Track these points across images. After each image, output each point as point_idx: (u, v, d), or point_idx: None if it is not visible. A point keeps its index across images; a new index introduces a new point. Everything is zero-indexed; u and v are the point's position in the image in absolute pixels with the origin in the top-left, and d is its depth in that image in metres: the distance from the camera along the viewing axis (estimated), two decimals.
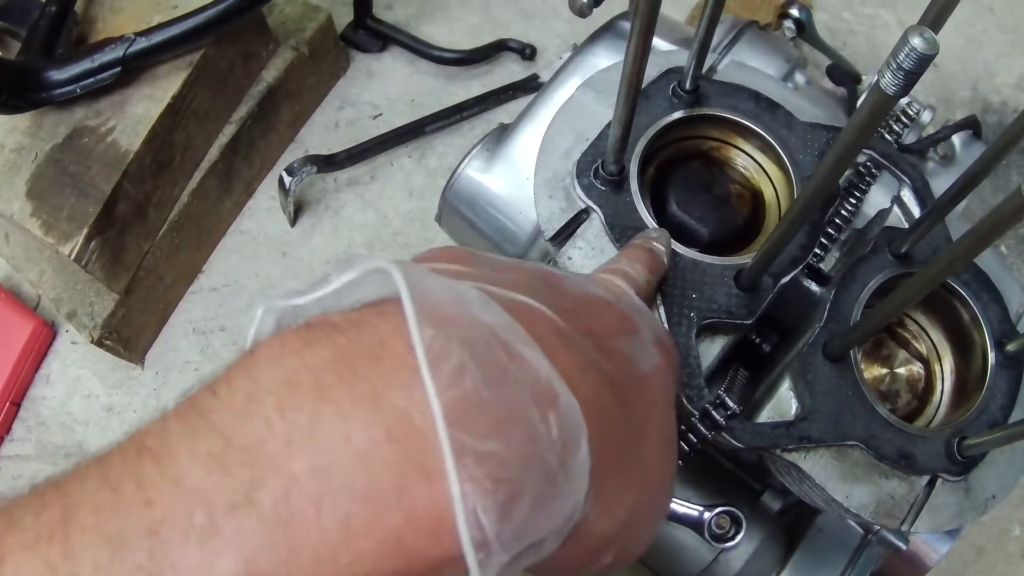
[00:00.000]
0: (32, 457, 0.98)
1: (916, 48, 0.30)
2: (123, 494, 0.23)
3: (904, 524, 0.50)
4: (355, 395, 0.24)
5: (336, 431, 0.24)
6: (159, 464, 0.24)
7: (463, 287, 0.29)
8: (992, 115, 1.11)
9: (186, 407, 0.25)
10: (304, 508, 0.23)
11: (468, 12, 1.17)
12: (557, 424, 0.27)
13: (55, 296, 0.95)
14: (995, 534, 0.93)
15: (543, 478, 0.26)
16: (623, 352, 0.36)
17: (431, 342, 0.25)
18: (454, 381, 0.24)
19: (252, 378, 0.25)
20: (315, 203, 1.07)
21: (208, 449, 0.24)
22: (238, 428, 0.24)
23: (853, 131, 0.36)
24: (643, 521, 0.36)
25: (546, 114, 0.67)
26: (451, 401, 0.24)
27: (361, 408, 0.24)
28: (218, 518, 0.23)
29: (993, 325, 0.54)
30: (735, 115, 0.57)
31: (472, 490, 0.24)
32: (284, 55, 1.02)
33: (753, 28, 0.71)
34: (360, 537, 0.23)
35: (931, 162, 0.73)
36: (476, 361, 0.25)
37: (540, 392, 0.27)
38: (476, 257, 0.36)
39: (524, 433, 0.26)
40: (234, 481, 0.23)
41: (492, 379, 0.26)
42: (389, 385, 0.24)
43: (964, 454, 0.50)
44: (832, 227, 0.55)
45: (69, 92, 0.85)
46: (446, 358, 0.25)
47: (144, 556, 0.22)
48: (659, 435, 0.37)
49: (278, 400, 0.24)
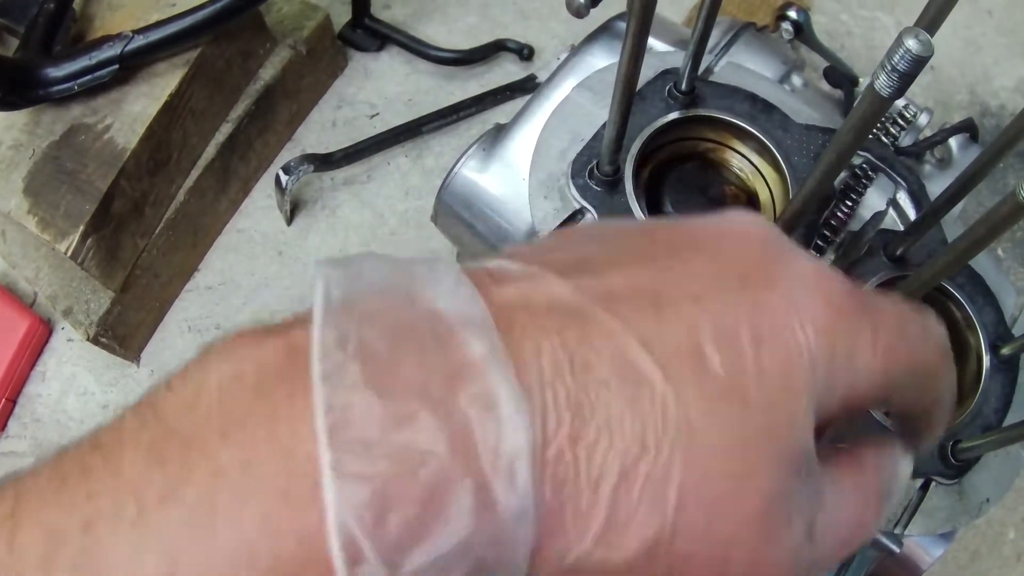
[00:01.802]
0: (27, 454, 0.98)
1: (911, 50, 0.30)
2: (68, 485, 0.23)
3: (897, 527, 0.50)
4: (288, 390, 0.24)
5: (265, 424, 0.23)
6: (106, 456, 0.24)
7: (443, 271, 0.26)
8: (990, 118, 1.11)
9: (144, 401, 0.25)
10: (227, 503, 0.22)
11: (466, 12, 1.17)
12: (495, 430, 0.23)
13: (51, 293, 0.95)
14: (990, 537, 0.93)
15: (450, 487, 0.22)
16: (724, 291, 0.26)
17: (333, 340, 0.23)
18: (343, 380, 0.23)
19: (204, 371, 0.25)
20: (311, 202, 1.07)
21: (150, 439, 0.23)
22: (181, 419, 0.24)
23: (848, 133, 0.36)
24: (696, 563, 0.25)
25: (542, 114, 0.67)
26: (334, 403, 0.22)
27: (291, 402, 0.23)
28: (148, 510, 0.22)
29: (988, 328, 0.54)
30: (731, 117, 0.57)
31: (345, 500, 0.22)
32: (282, 54, 1.02)
33: (750, 30, 0.71)
34: (280, 535, 0.22)
35: (928, 165, 0.73)
36: (373, 354, 0.23)
37: (469, 384, 0.23)
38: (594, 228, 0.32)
39: (430, 431, 0.22)
40: (167, 473, 0.23)
41: (396, 377, 0.23)
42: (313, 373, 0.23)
43: (958, 457, 0.50)
44: (828, 229, 0.55)
45: (67, 89, 0.85)
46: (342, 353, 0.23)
47: (79, 552, 0.22)
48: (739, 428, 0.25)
49: (222, 392, 0.24)
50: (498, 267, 0.27)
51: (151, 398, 0.25)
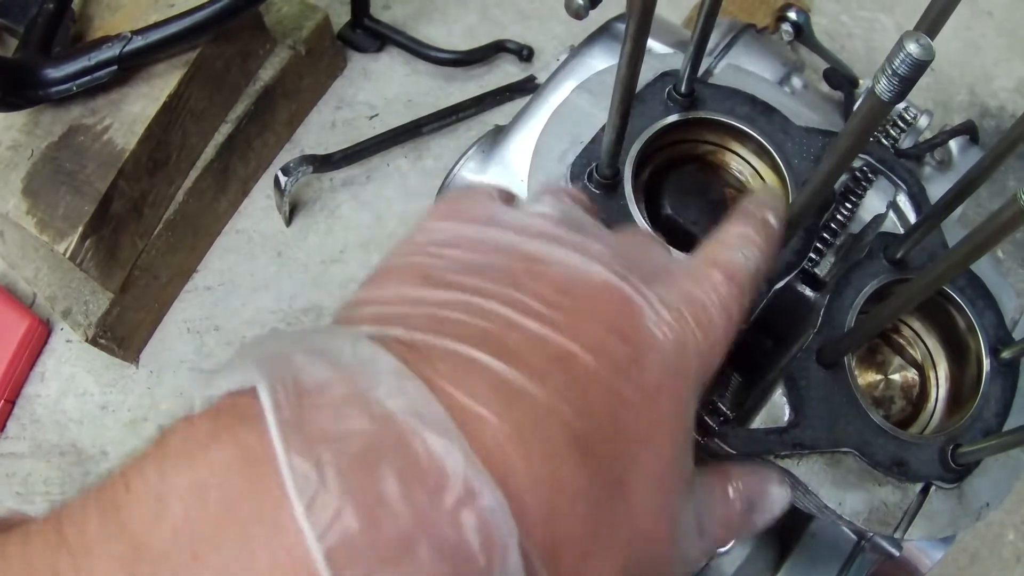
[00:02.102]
0: (26, 455, 0.98)
1: (912, 54, 0.30)
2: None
3: (897, 531, 0.50)
4: (257, 509, 0.23)
5: (239, 548, 0.23)
6: (74, 558, 0.23)
7: (376, 358, 0.26)
8: (990, 120, 1.11)
9: (105, 495, 0.24)
10: None
11: (466, 13, 1.17)
12: (477, 529, 0.24)
13: (50, 294, 0.95)
14: (989, 539, 0.93)
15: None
16: (610, 365, 0.29)
17: (305, 476, 0.23)
18: (334, 519, 0.22)
19: (163, 476, 0.24)
20: (311, 203, 1.07)
21: (120, 552, 0.23)
22: (148, 534, 0.23)
23: (849, 137, 0.36)
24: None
25: (541, 116, 0.67)
26: (333, 545, 0.22)
27: (263, 525, 0.23)
28: None
29: (988, 332, 0.54)
30: (731, 119, 0.56)
31: None
32: (281, 54, 1.02)
33: (750, 31, 0.71)
34: None
35: (928, 167, 0.72)
36: (361, 485, 0.23)
37: (452, 496, 0.24)
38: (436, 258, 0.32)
39: (429, 556, 0.23)
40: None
41: (383, 504, 0.23)
42: (288, 501, 0.23)
43: (958, 461, 0.50)
44: (827, 232, 0.55)
45: (66, 90, 0.85)
46: (323, 493, 0.23)
47: None
48: (655, 474, 0.30)
49: (185, 508, 0.23)
50: (411, 339, 0.28)
51: (112, 493, 0.24)
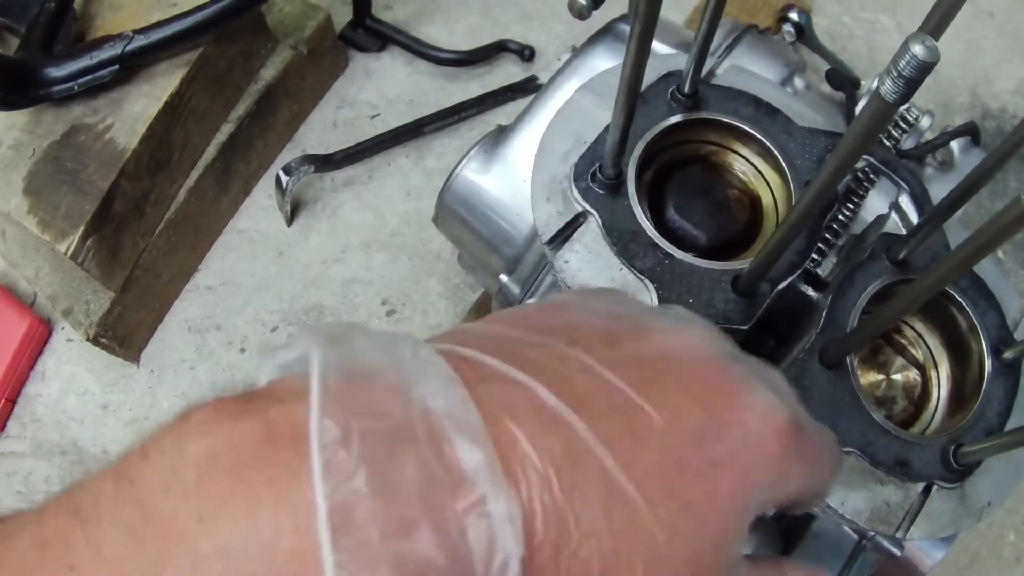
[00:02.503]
0: (27, 454, 0.98)
1: (917, 56, 0.30)
2: (50, 556, 0.23)
3: (899, 531, 0.50)
4: (269, 477, 0.24)
5: (245, 514, 0.23)
6: (85, 528, 0.24)
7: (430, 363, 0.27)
8: (991, 121, 1.11)
9: (122, 467, 0.25)
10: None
11: (467, 13, 1.17)
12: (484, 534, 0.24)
13: (51, 293, 0.95)
14: (990, 540, 0.93)
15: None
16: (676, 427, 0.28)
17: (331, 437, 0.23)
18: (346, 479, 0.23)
19: (180, 446, 0.25)
20: (312, 203, 1.07)
21: (129, 518, 0.24)
22: (158, 499, 0.24)
23: (853, 139, 0.36)
24: None
25: (544, 116, 0.67)
26: (339, 502, 0.23)
27: (272, 492, 0.23)
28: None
29: (990, 332, 0.54)
30: (734, 120, 0.57)
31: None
32: (283, 54, 1.02)
33: (752, 32, 0.71)
34: None
35: (929, 168, 0.73)
36: (380, 457, 0.24)
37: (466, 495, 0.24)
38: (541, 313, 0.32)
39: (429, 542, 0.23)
40: (145, 555, 0.23)
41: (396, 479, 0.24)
42: (303, 470, 0.23)
43: (960, 461, 0.50)
44: (830, 232, 0.55)
45: (67, 89, 0.85)
46: (343, 452, 0.23)
47: None
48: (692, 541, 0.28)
49: (198, 474, 0.24)
50: (476, 358, 0.28)
51: (128, 466, 0.25)
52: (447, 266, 1.03)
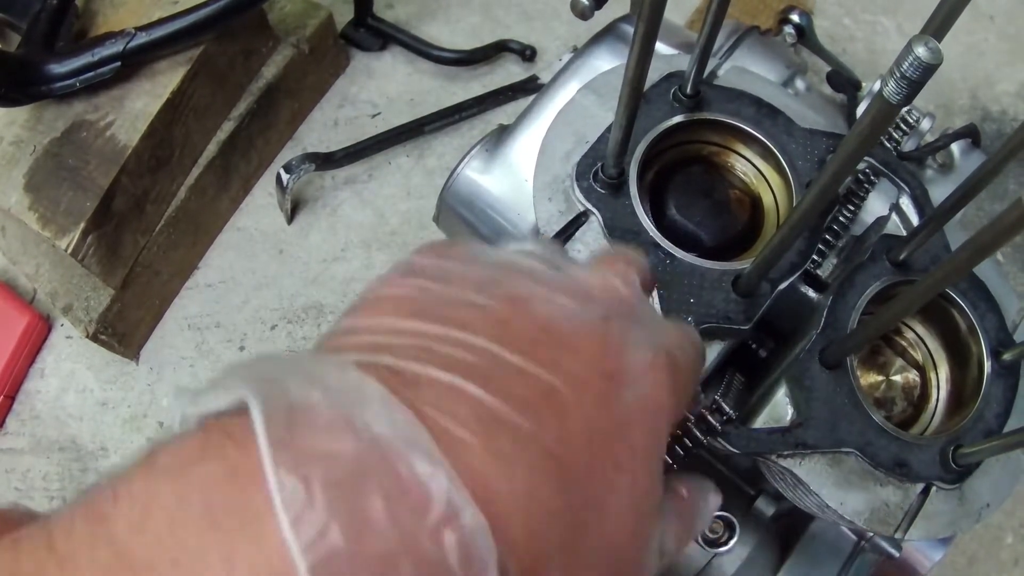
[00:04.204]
0: (26, 451, 0.98)
1: (920, 57, 0.30)
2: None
3: (898, 532, 0.50)
4: (241, 520, 0.24)
5: (220, 557, 0.23)
6: (61, 567, 0.24)
7: (363, 386, 0.27)
8: (991, 123, 1.11)
9: (92, 506, 0.25)
10: None
11: (469, 12, 1.17)
12: (457, 549, 0.25)
13: (51, 290, 0.95)
14: (988, 541, 0.94)
15: None
16: (589, 403, 0.31)
17: (292, 492, 0.23)
18: (320, 535, 0.23)
19: (149, 488, 0.25)
20: (312, 201, 1.07)
21: (106, 561, 0.24)
22: (132, 542, 0.24)
23: (856, 140, 0.36)
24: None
25: (546, 116, 0.67)
26: (318, 560, 0.23)
27: (245, 535, 0.23)
28: None
29: (990, 334, 0.54)
30: (736, 120, 0.57)
31: None
32: (284, 52, 1.02)
33: (754, 33, 0.71)
34: None
35: (930, 170, 0.73)
36: (346, 504, 0.24)
37: (434, 516, 0.25)
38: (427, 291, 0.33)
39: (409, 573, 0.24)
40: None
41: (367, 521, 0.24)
42: (272, 514, 0.23)
43: (959, 462, 0.50)
44: (830, 233, 0.55)
45: (68, 86, 0.85)
46: (309, 510, 0.23)
47: None
48: (631, 502, 0.32)
49: (169, 517, 0.24)
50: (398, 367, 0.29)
51: (99, 505, 0.25)
52: None
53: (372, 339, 0.31)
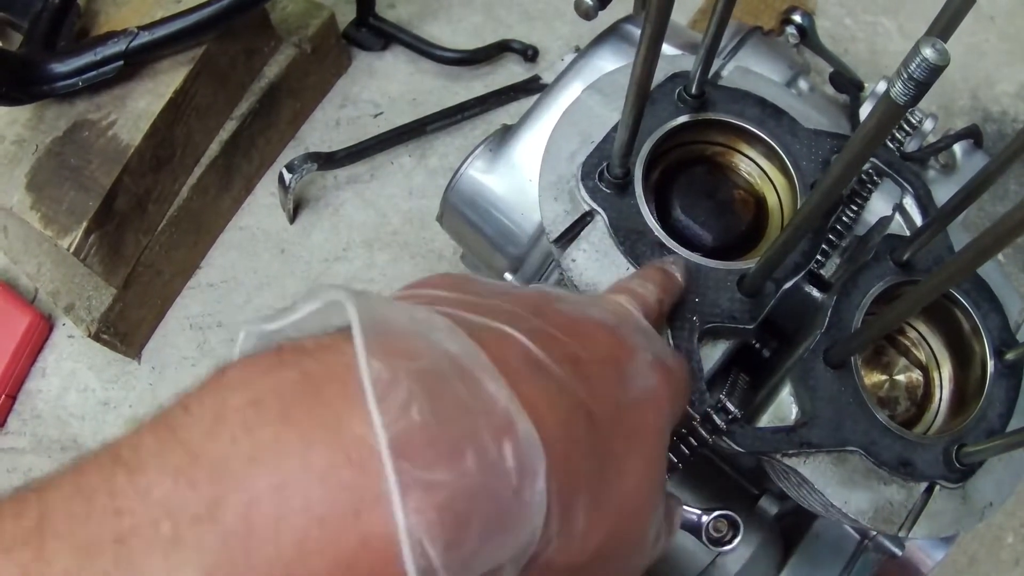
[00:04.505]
0: (27, 450, 0.98)
1: (928, 59, 0.30)
2: (95, 503, 0.24)
3: (901, 530, 0.50)
4: (318, 419, 0.25)
5: (297, 452, 0.24)
6: (131, 475, 0.24)
7: (430, 316, 0.29)
8: (992, 124, 1.12)
9: (160, 421, 0.26)
10: (263, 525, 0.24)
11: (471, 12, 1.17)
12: (513, 454, 0.27)
13: (53, 289, 0.95)
14: (988, 541, 0.94)
15: (494, 508, 0.26)
16: (609, 378, 0.35)
17: (379, 375, 0.25)
18: (402, 413, 0.25)
19: (221, 397, 0.26)
20: (315, 200, 1.07)
21: (176, 463, 0.24)
22: (205, 445, 0.25)
23: (862, 140, 0.36)
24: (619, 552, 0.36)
25: (549, 116, 0.67)
26: (398, 433, 0.24)
27: (322, 432, 0.25)
28: (182, 530, 0.23)
29: (993, 334, 0.54)
30: (740, 121, 0.57)
31: (418, 521, 0.24)
32: (286, 52, 1.02)
33: (757, 34, 0.71)
34: (315, 556, 0.24)
35: (932, 170, 0.73)
36: (425, 392, 0.26)
37: (496, 421, 0.27)
38: (468, 284, 0.36)
39: (475, 463, 0.26)
40: (199, 495, 0.24)
41: (442, 409, 0.26)
42: (351, 411, 0.25)
43: (962, 461, 0.50)
44: (834, 234, 0.55)
45: (71, 85, 0.85)
46: (394, 390, 0.25)
47: (111, 563, 0.23)
48: (643, 465, 0.36)
49: (244, 419, 0.25)
50: (455, 315, 0.31)
51: (168, 418, 0.26)
52: (449, 265, 1.03)
53: (429, 299, 0.34)
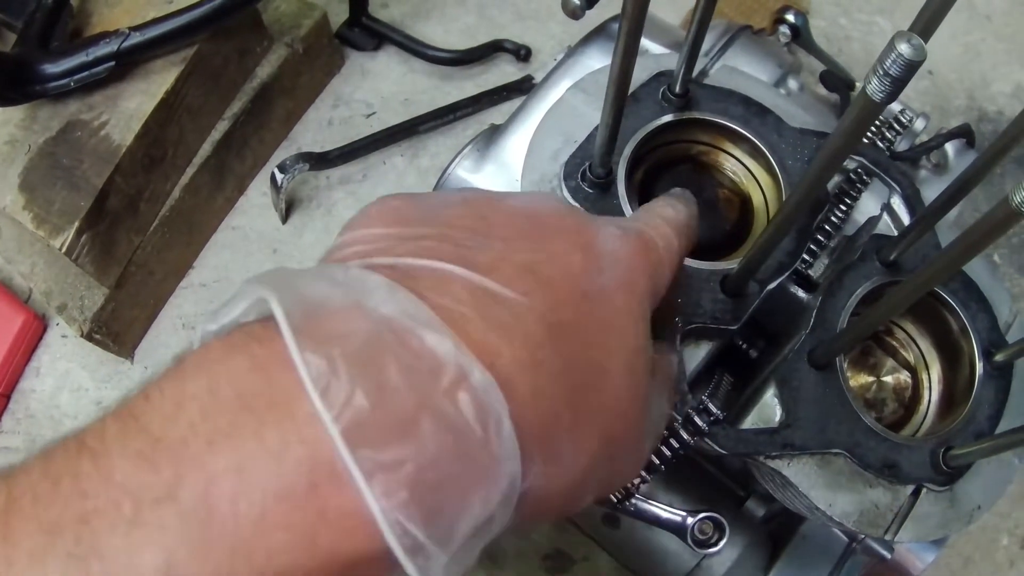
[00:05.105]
0: (20, 450, 0.98)
1: (903, 54, 0.30)
2: (61, 486, 0.25)
3: (888, 533, 0.50)
4: (270, 400, 0.26)
5: (252, 433, 0.25)
6: (95, 460, 0.25)
7: (364, 278, 0.29)
8: (987, 124, 1.11)
9: (123, 409, 0.27)
10: (221, 504, 0.24)
11: (463, 12, 1.17)
12: (472, 406, 0.27)
13: (46, 289, 0.95)
14: (983, 544, 0.93)
15: (465, 466, 0.27)
16: (573, 272, 0.34)
17: (317, 368, 0.25)
18: (347, 401, 0.25)
19: (179, 385, 0.27)
20: (307, 200, 1.07)
21: (138, 447, 0.25)
22: (165, 430, 0.25)
23: (840, 137, 0.36)
24: (618, 456, 0.36)
25: (536, 116, 0.67)
26: (348, 423, 0.25)
27: (275, 413, 0.25)
28: (143, 511, 0.24)
29: (981, 335, 0.54)
30: (725, 119, 0.56)
31: (390, 504, 0.25)
32: (278, 52, 1.02)
33: (746, 33, 0.71)
34: (274, 532, 0.24)
35: (924, 170, 0.72)
36: (367, 372, 0.26)
37: (447, 378, 0.27)
38: (409, 208, 0.36)
39: (433, 428, 0.26)
40: (159, 477, 0.25)
41: (387, 385, 0.26)
42: (299, 391, 0.25)
43: (950, 464, 0.50)
44: (821, 233, 0.55)
45: (63, 85, 0.85)
46: (335, 380, 0.25)
47: (74, 543, 0.24)
48: (624, 359, 0.35)
49: (201, 405, 0.26)
50: (392, 263, 0.31)
51: (130, 407, 0.27)
52: None
53: (365, 247, 0.34)
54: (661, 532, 0.58)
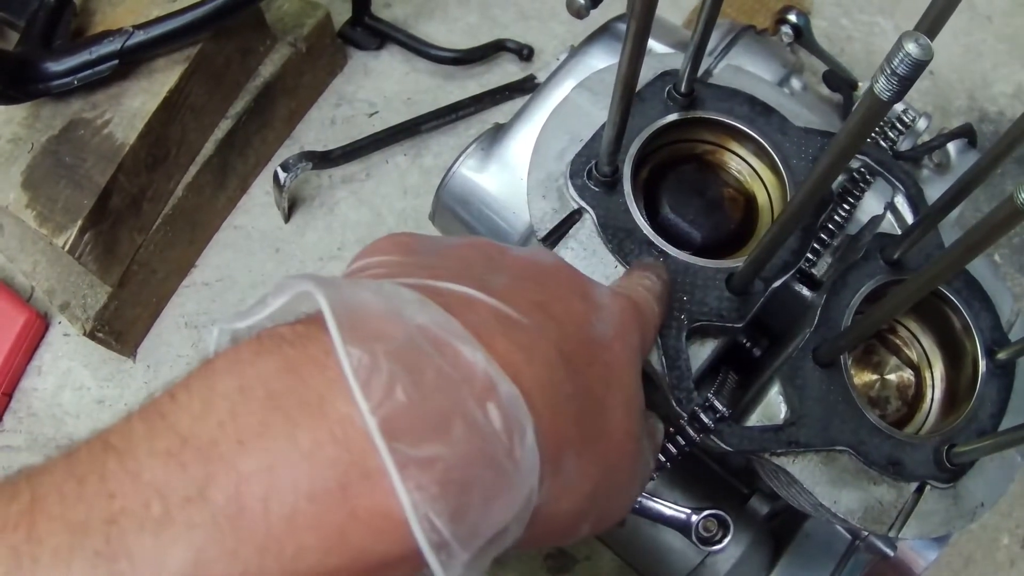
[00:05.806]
0: (23, 448, 0.98)
1: (910, 54, 0.30)
2: (87, 486, 0.25)
3: (891, 530, 0.50)
4: (301, 401, 0.26)
5: (284, 434, 0.25)
6: (121, 459, 0.25)
7: (398, 291, 0.30)
8: (988, 124, 1.11)
9: (149, 409, 0.27)
10: (252, 503, 0.24)
11: (466, 12, 1.17)
12: (499, 415, 0.28)
13: (48, 287, 0.95)
14: (984, 543, 0.93)
15: (491, 471, 0.27)
16: (576, 314, 0.36)
17: (359, 361, 0.26)
18: (386, 395, 0.25)
19: (208, 385, 0.27)
20: (309, 200, 1.07)
21: (166, 447, 0.25)
22: (194, 429, 0.25)
23: (847, 136, 0.36)
24: (613, 490, 0.37)
25: (541, 115, 0.67)
26: (386, 415, 0.25)
27: (306, 413, 0.26)
28: (172, 510, 0.24)
29: (984, 333, 0.54)
30: (730, 119, 0.57)
31: (421, 498, 0.25)
32: (281, 51, 1.02)
33: (750, 33, 0.71)
34: (304, 531, 0.25)
35: (926, 170, 0.73)
36: (406, 370, 0.26)
37: (478, 386, 0.28)
38: (418, 243, 0.37)
39: (464, 432, 0.27)
40: (188, 477, 0.25)
41: (425, 385, 0.26)
42: (332, 392, 0.26)
43: (953, 461, 0.50)
44: (825, 232, 0.55)
45: (66, 84, 0.85)
46: (376, 374, 0.26)
47: (102, 542, 0.24)
48: (623, 398, 0.37)
49: (231, 405, 0.26)
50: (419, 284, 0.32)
51: (157, 406, 0.27)
52: None
53: (385, 270, 0.35)
54: (665, 529, 0.58)
